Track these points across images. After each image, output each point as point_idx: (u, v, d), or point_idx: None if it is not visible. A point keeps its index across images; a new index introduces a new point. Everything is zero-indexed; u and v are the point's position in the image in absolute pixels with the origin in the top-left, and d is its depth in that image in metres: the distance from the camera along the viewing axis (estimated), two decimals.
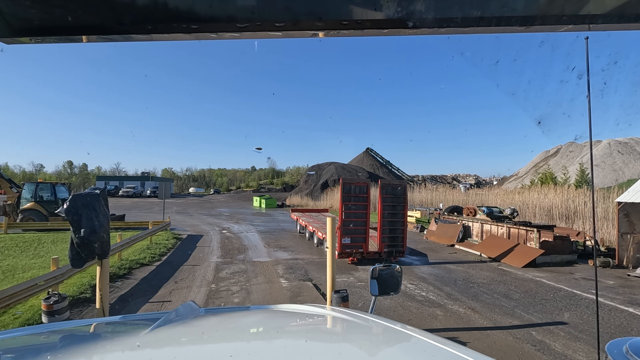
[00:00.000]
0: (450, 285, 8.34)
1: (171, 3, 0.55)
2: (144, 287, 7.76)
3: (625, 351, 1.34)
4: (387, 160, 61.49)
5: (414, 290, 7.85)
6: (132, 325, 1.57)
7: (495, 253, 11.11)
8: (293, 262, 10.32)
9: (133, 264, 9.34)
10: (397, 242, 10.61)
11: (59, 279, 6.11)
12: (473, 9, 0.55)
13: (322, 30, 0.58)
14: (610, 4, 0.55)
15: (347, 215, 10.13)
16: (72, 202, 4.49)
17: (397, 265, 2.29)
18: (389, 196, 10.49)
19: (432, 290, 7.84)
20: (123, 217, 18.33)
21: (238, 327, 1.51)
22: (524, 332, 5.65)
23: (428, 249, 13.03)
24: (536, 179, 29.04)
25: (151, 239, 12.62)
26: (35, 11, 0.55)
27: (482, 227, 12.96)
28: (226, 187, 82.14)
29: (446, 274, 9.36)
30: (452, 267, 10.24)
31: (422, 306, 6.85)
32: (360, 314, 1.63)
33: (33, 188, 16.52)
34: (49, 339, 1.34)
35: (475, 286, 8.27)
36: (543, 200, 18.42)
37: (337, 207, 32.89)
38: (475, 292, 7.78)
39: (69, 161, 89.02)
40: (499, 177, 70.03)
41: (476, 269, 10.05)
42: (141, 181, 59.44)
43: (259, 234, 16.60)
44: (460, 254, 12.21)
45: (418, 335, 1.27)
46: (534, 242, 10.86)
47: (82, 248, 4.59)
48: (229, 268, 9.53)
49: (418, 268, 10.02)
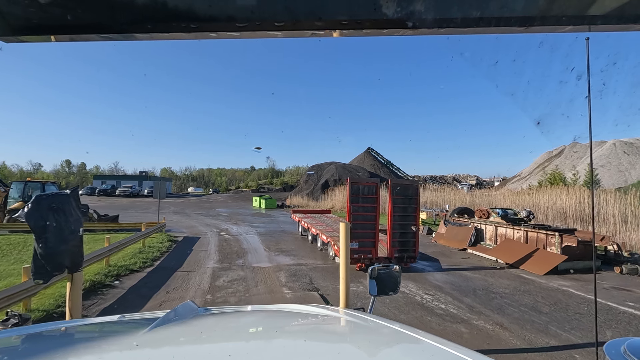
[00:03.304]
0: (470, 295, 7.58)
1: (171, 2, 0.54)
2: (132, 297, 6.99)
3: (623, 351, 1.31)
4: (388, 160, 60.68)
5: (432, 302, 7.09)
6: (130, 324, 1.55)
7: (513, 258, 10.35)
8: (296, 268, 9.55)
9: (122, 271, 8.55)
10: (409, 247, 9.84)
11: (31, 291, 5.34)
12: (473, 9, 0.55)
13: (322, 30, 0.58)
14: (609, 5, 0.54)
15: (354, 217, 9.36)
16: (36, 204, 3.68)
17: (396, 265, 2.23)
18: (400, 197, 9.72)
19: (452, 302, 7.08)
20: (117, 218, 17.52)
21: (237, 326, 1.50)
22: (567, 356, 4.89)
23: (439, 254, 12.27)
24: (544, 180, 28.32)
25: (144, 241, 11.84)
26: (35, 10, 0.55)
27: (497, 231, 12.20)
28: (225, 186, 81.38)
29: (463, 283, 8.59)
30: (468, 274, 9.48)
31: (443, 321, 6.09)
32: (359, 314, 1.62)
33: (21, 187, 15.68)
34: (47, 338, 1.33)
35: (498, 297, 7.51)
36: (556, 202, 17.65)
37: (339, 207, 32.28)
38: (500, 304, 7.02)
39: (67, 160, 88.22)
40: (499, 178, 69.37)
41: (494, 276, 9.28)
42: (139, 181, 58.49)
43: (259, 236, 15.82)
44: (474, 259, 11.44)
45: (417, 335, 1.26)
46: (554, 247, 10.10)
47: (48, 260, 3.77)
48: (226, 275, 8.75)
49: (431, 275, 9.25)
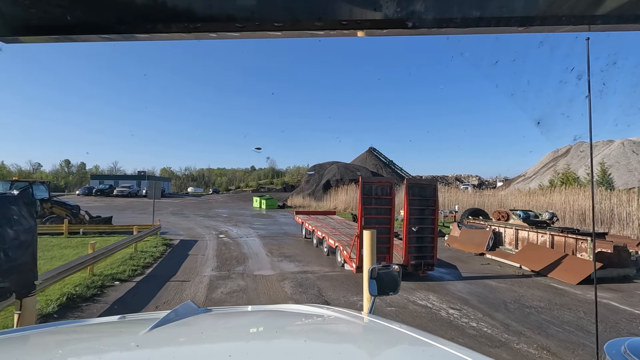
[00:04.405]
0: (502, 310, 6.67)
1: (171, 2, 0.54)
2: (116, 313, 6.07)
3: (623, 351, 1.28)
4: (390, 160, 59.80)
5: (460, 318, 6.18)
6: (131, 325, 1.51)
7: (539, 265, 9.45)
8: (302, 277, 8.64)
9: (107, 280, 7.65)
10: (426, 253, 8.93)
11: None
12: (472, 9, 0.54)
13: (322, 30, 0.57)
14: (609, 5, 0.54)
15: (367, 221, 8.45)
16: None
17: (396, 265, 2.16)
18: (417, 198, 8.81)
19: (483, 319, 6.17)
20: (110, 220, 16.58)
21: (237, 327, 1.48)
22: None
23: (455, 259, 11.36)
24: (556, 179, 27.40)
25: (136, 246, 10.93)
26: (35, 11, 0.54)
27: (517, 234, 11.28)
28: (225, 186, 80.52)
29: (490, 294, 7.68)
30: (492, 283, 8.57)
31: (478, 344, 5.18)
32: (359, 314, 1.61)
33: (7, 187, 14.76)
34: (47, 338, 1.31)
35: (534, 312, 6.60)
36: (573, 203, 16.72)
37: (342, 208, 31.28)
38: (538, 322, 6.11)
39: (66, 160, 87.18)
40: (501, 178, 68.36)
41: (522, 286, 8.37)
42: (137, 180, 57.56)
43: (260, 239, 14.91)
44: (495, 266, 10.53)
45: (417, 335, 1.23)
46: (586, 254, 9.19)
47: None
48: (225, 285, 7.85)
49: (452, 285, 8.34)
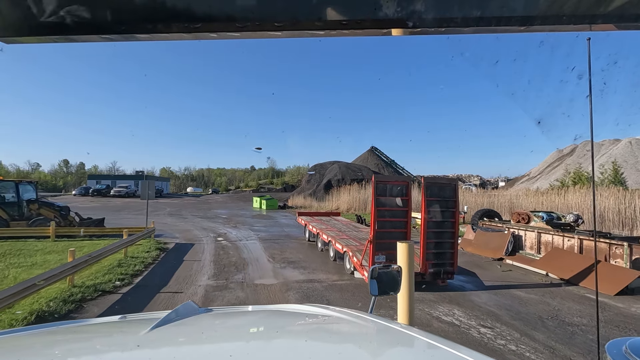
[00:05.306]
0: (540, 328, 5.80)
1: (171, 2, 0.54)
2: None
3: (624, 351, 1.29)
4: (392, 160, 58.82)
5: (494, 339, 5.31)
6: (131, 325, 1.51)
7: (569, 273, 8.58)
8: (308, 287, 7.77)
9: (89, 293, 6.77)
10: (445, 260, 8.07)
11: None
12: (473, 9, 0.54)
13: (322, 30, 0.57)
14: (610, 4, 0.53)
15: (381, 224, 7.59)
16: None
17: (397, 265, 2.15)
18: (435, 199, 7.95)
19: (521, 340, 5.30)
20: (102, 222, 15.72)
21: (238, 326, 1.48)
22: None
23: (472, 264, 10.49)
24: (567, 179, 26.55)
25: (126, 251, 10.06)
26: (35, 11, 0.54)
27: (540, 238, 10.43)
28: (225, 186, 79.64)
29: (521, 307, 6.81)
30: (520, 294, 7.70)
31: None
32: (360, 314, 1.61)
33: None
34: (48, 338, 1.31)
35: (578, 330, 5.73)
36: (590, 204, 15.87)
37: (345, 209, 30.33)
38: (587, 344, 5.24)
39: (64, 160, 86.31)
40: (503, 178, 67.51)
41: (555, 297, 7.50)
42: (135, 180, 56.62)
43: (260, 242, 14.04)
44: (517, 273, 9.66)
45: (418, 335, 1.23)
46: (621, 260, 8.34)
47: None
48: (222, 297, 6.97)
49: (476, 296, 7.47)
